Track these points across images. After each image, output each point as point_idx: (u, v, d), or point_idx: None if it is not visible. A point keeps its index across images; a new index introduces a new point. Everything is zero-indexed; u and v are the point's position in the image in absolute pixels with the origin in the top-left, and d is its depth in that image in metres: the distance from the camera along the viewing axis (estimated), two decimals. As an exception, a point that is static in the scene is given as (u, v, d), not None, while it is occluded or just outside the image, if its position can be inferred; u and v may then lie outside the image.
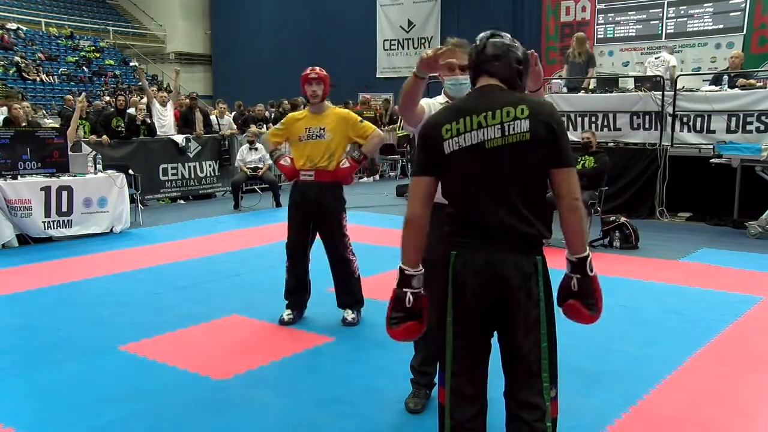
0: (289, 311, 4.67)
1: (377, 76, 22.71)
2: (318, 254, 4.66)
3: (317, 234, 4.66)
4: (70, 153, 7.91)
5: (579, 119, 9.30)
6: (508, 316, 2.16)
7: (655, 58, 10.53)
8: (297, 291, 4.70)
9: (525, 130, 2.11)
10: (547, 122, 2.13)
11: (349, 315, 4.62)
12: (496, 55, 2.23)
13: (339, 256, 4.60)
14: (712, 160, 8.04)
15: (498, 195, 2.14)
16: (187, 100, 11.87)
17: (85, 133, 9.71)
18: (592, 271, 2.17)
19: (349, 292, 4.65)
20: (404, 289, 2.20)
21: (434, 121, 2.25)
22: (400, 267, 2.22)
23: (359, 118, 4.62)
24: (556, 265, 2.33)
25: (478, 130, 2.13)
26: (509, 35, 2.30)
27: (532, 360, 2.17)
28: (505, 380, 2.25)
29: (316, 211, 4.52)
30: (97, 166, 8.22)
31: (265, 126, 11.74)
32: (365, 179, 13.90)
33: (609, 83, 9.71)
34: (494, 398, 2.31)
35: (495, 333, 2.25)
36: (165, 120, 11.06)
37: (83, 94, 11.44)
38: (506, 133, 2.11)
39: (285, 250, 4.67)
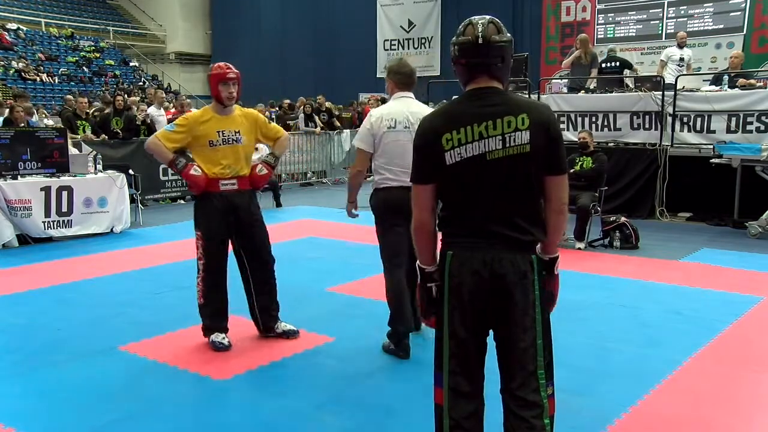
0: (222, 335, 4.15)
1: (377, 76, 22.71)
2: (321, 254, 4.62)
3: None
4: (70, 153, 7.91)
5: (579, 119, 9.29)
6: (505, 314, 2.17)
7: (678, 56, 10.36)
8: (220, 313, 4.18)
9: (526, 141, 2.10)
10: (547, 131, 2.12)
11: (288, 326, 4.31)
12: (501, 56, 2.15)
13: (270, 267, 4.26)
14: (712, 160, 8.03)
15: (496, 204, 2.15)
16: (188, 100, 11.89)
17: (84, 131, 9.69)
18: (557, 270, 2.30)
19: (275, 300, 4.31)
20: (428, 284, 2.30)
21: (432, 127, 2.18)
22: (419, 266, 2.31)
23: (266, 119, 4.32)
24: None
25: (480, 141, 2.11)
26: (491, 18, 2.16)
27: (529, 358, 2.18)
28: (501, 378, 2.26)
29: (238, 223, 4.10)
30: (97, 166, 8.22)
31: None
32: None
33: (610, 83, 9.70)
34: (490, 395, 2.30)
35: (491, 331, 2.26)
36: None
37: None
38: (507, 145, 2.10)
39: (204, 270, 4.09)
